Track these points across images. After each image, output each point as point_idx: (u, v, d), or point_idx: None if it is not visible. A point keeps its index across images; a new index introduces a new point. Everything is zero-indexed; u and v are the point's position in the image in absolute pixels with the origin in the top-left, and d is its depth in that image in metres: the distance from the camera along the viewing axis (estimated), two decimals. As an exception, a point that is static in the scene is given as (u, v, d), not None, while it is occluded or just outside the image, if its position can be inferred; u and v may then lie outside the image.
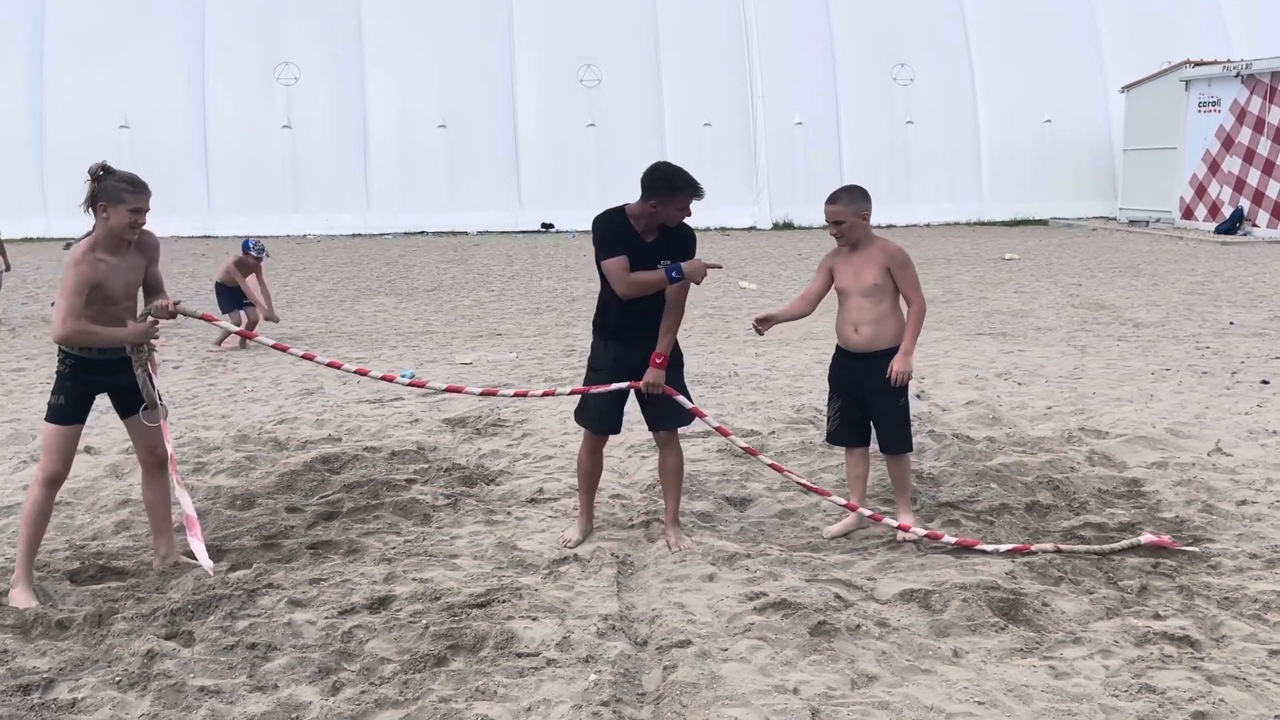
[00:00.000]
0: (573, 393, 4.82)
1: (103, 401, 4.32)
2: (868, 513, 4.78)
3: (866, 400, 4.77)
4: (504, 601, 4.01)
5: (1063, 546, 4.47)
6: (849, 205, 4.69)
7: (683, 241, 4.55)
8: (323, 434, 6.45)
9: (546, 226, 23.18)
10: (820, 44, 24.12)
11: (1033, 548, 4.47)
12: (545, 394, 4.95)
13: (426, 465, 5.79)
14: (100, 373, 4.15)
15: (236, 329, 5.01)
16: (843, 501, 4.84)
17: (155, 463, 4.36)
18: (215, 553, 4.60)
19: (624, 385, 4.52)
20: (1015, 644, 3.68)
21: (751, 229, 23.17)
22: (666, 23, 23.85)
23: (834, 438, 4.99)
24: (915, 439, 6.16)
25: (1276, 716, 3.18)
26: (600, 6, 23.62)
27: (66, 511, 5.15)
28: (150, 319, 4.15)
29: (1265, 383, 7.62)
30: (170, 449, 4.23)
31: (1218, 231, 20.00)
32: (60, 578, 4.32)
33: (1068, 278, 14.05)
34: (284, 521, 4.95)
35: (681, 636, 3.70)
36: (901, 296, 4.78)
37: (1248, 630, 3.74)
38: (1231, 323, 10.28)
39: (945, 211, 24.15)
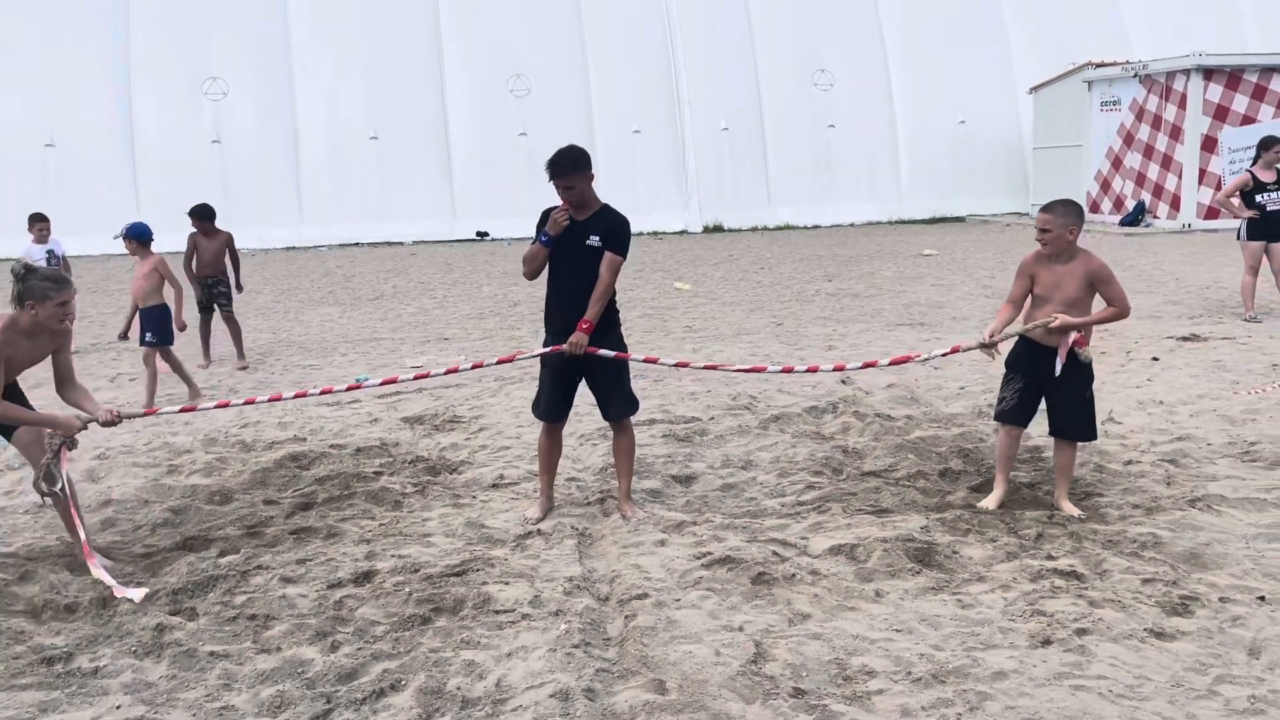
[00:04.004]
0: (499, 361, 5.43)
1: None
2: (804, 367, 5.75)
3: (1055, 387, 4.87)
4: (477, 570, 4.45)
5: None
6: (1061, 217, 4.78)
7: (612, 226, 4.96)
8: (287, 435, 6.80)
9: (481, 235, 23.49)
10: (742, 51, 24.83)
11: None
12: (474, 366, 5.54)
13: (391, 459, 6.19)
14: None
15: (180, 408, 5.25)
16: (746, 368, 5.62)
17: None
18: (202, 542, 4.96)
19: (548, 350, 5.02)
20: (928, 584, 4.23)
21: (683, 232, 23.77)
22: (593, 34, 24.34)
23: (1004, 416, 5.05)
24: (840, 419, 6.77)
25: (1145, 629, 3.77)
26: (527, 18, 24.01)
27: (51, 514, 5.44)
28: (84, 424, 4.58)
29: (1155, 359, 8.37)
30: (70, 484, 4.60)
31: (1122, 224, 21.13)
32: (59, 568, 4.64)
33: (982, 271, 14.86)
34: (263, 512, 5.32)
35: (639, 591, 4.19)
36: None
37: (1126, 565, 4.35)
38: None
39: (867, 211, 25.02)
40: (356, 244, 22.88)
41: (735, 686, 3.41)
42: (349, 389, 5.51)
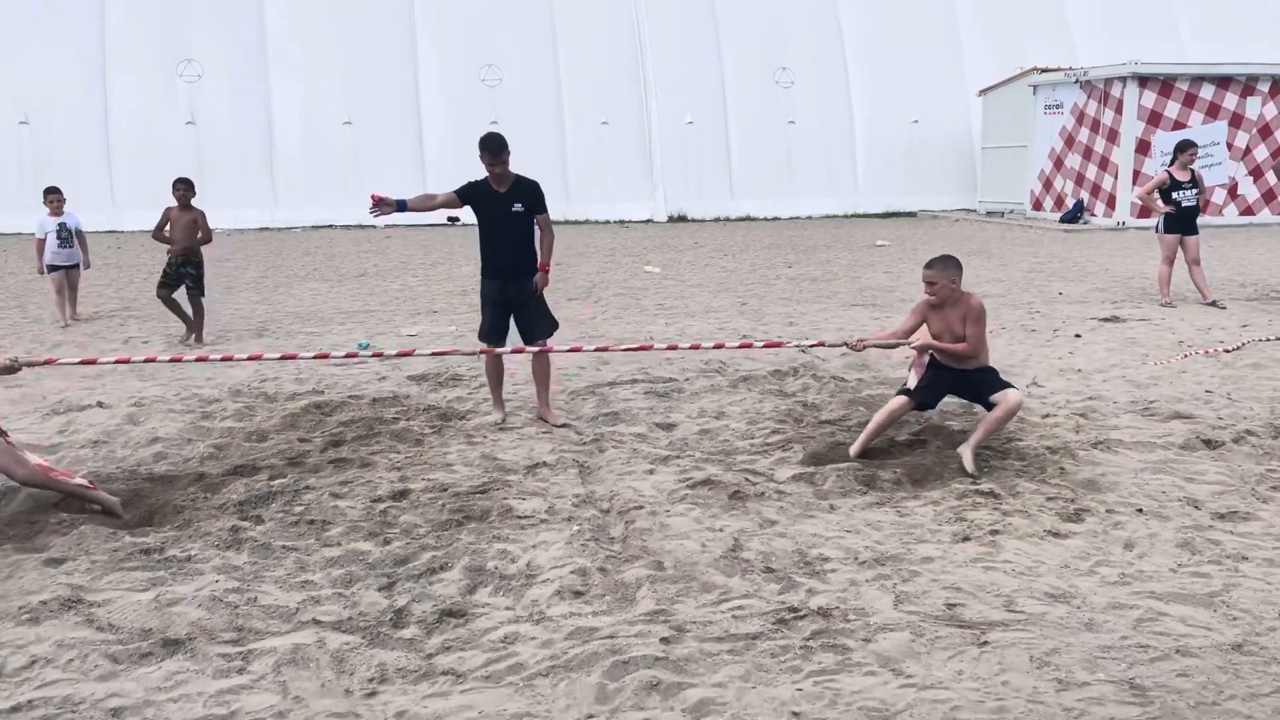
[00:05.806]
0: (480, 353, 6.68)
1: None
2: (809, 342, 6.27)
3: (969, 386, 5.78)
4: (498, 489, 5.27)
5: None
6: (941, 271, 5.66)
7: (529, 192, 6.45)
8: (306, 389, 7.54)
9: (452, 220, 24.11)
10: (708, 48, 25.72)
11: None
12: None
13: (405, 408, 6.97)
14: None
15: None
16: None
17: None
18: (251, 470, 5.70)
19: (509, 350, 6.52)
20: (873, 501, 5.13)
21: (649, 221, 24.62)
22: (564, 26, 25.10)
23: (914, 394, 5.84)
24: (800, 381, 7.67)
25: (1045, 530, 4.69)
26: (500, 9, 24.72)
27: (107, 448, 6.16)
28: None
29: (1078, 336, 9.37)
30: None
31: (1062, 221, 22.34)
32: (128, 489, 5.37)
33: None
34: (300, 447, 6.08)
35: (635, 504, 5.03)
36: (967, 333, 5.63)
37: (1035, 488, 5.27)
38: (1060, 293, 12.16)
39: (826, 205, 26.05)
40: (330, 226, 23.44)
41: (719, 566, 4.28)
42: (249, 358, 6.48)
